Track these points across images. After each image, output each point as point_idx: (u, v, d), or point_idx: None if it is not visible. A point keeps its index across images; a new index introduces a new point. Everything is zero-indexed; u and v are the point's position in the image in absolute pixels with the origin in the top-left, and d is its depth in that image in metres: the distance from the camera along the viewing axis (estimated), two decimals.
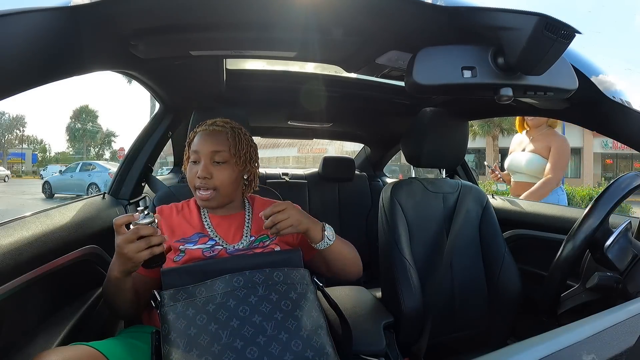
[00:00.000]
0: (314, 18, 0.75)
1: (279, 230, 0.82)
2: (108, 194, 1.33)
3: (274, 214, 0.81)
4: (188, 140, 0.96)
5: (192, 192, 0.94)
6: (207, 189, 0.89)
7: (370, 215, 2.09)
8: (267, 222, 0.81)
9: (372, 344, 0.90)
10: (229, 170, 0.91)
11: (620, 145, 3.99)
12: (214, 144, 0.91)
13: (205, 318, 0.70)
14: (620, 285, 0.66)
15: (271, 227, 0.82)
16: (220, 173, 0.90)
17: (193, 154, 0.92)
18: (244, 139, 0.94)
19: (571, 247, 0.68)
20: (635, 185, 0.70)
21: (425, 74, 0.65)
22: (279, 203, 0.84)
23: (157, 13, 0.70)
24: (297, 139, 2.65)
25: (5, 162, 31.70)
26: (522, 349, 0.38)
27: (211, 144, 0.91)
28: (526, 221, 1.44)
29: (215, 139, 0.92)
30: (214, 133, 0.93)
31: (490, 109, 1.40)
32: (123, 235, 0.69)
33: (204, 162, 0.90)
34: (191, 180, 0.92)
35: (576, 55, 0.77)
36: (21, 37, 0.52)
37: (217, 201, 0.91)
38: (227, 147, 0.91)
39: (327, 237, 0.88)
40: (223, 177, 0.90)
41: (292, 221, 0.82)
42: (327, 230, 0.89)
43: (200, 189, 0.90)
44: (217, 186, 0.89)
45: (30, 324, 0.82)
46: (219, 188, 0.90)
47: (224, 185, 0.90)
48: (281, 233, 0.82)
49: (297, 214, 0.84)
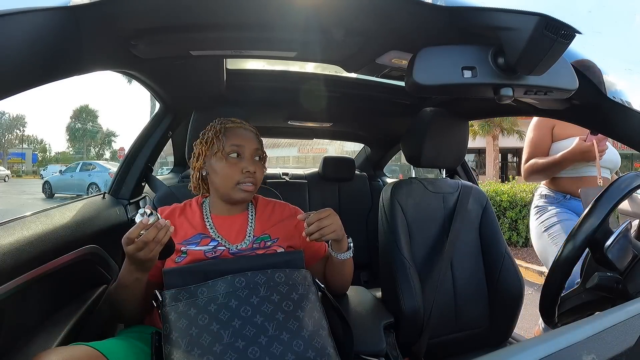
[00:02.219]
0: (314, 18, 0.75)
1: (322, 235, 0.81)
2: (108, 193, 1.33)
3: (320, 220, 0.81)
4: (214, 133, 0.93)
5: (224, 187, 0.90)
6: (252, 183, 0.90)
7: (370, 215, 2.09)
8: (312, 227, 0.81)
9: (372, 344, 0.90)
10: (263, 169, 0.95)
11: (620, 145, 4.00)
12: (256, 142, 0.93)
13: (207, 318, 0.70)
14: (620, 285, 0.66)
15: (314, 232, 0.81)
16: (259, 170, 0.93)
17: (234, 147, 0.91)
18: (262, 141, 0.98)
19: (571, 247, 0.68)
20: (635, 185, 0.70)
21: (425, 74, 0.64)
22: (324, 210, 0.84)
23: (157, 13, 0.70)
24: (297, 139, 2.65)
25: (6, 162, 31.71)
26: (522, 349, 0.38)
27: (254, 141, 0.93)
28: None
29: (253, 137, 0.94)
30: (249, 132, 0.95)
31: (490, 109, 1.39)
32: (132, 245, 0.70)
33: (248, 157, 0.91)
34: (232, 175, 0.89)
35: (576, 55, 0.77)
36: (21, 37, 0.52)
37: (252, 195, 0.93)
38: (261, 146, 0.95)
39: (350, 252, 0.90)
40: (261, 174, 0.94)
41: (335, 227, 0.83)
42: (351, 243, 0.91)
43: (245, 182, 0.90)
44: (257, 182, 0.92)
45: (30, 324, 0.82)
46: (257, 184, 0.92)
47: (259, 183, 0.94)
48: (323, 239, 0.83)
49: (339, 221, 0.85)
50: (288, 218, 0.98)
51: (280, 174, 2.11)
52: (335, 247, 0.89)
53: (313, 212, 0.84)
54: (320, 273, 0.96)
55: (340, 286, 1.00)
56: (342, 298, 1.06)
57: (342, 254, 0.89)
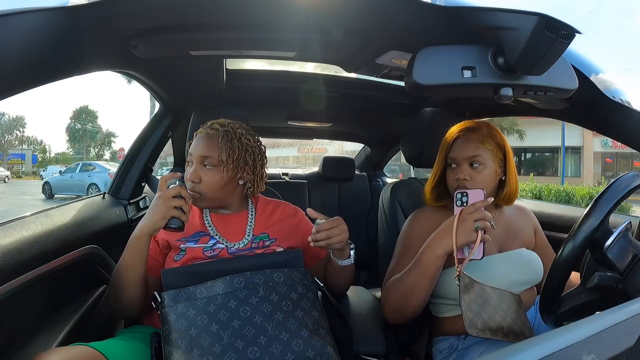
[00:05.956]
0: (314, 18, 0.75)
1: (329, 245, 0.81)
2: (108, 194, 1.33)
3: (330, 229, 0.80)
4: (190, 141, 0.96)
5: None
6: (194, 191, 0.87)
7: (370, 215, 2.09)
8: (321, 235, 0.79)
9: (372, 344, 0.90)
10: (217, 176, 0.88)
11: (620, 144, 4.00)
12: (204, 149, 0.89)
13: (207, 319, 0.70)
14: (620, 285, 0.66)
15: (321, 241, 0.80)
16: (208, 178, 0.88)
17: (188, 155, 0.92)
18: (236, 145, 0.90)
19: (571, 247, 0.68)
20: (635, 185, 0.69)
21: (425, 74, 0.65)
22: (335, 219, 0.82)
23: (157, 13, 0.70)
24: (297, 139, 2.65)
25: (5, 163, 31.68)
26: (522, 349, 0.38)
27: (202, 149, 0.89)
28: None
29: (207, 143, 0.89)
30: (208, 137, 0.90)
31: (490, 109, 1.39)
32: (164, 190, 0.78)
33: (194, 165, 0.89)
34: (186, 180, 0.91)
35: (576, 55, 0.77)
36: (21, 37, 0.52)
37: (206, 202, 0.90)
38: (217, 153, 0.88)
39: (352, 257, 0.88)
40: (210, 182, 0.88)
41: (342, 238, 0.82)
42: (353, 250, 0.89)
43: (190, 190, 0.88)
44: (202, 191, 0.87)
45: (30, 324, 0.82)
46: (204, 193, 0.88)
47: (210, 191, 0.88)
48: (330, 247, 0.82)
49: (347, 231, 0.83)
50: (288, 217, 0.98)
51: (280, 174, 2.10)
52: (337, 254, 0.87)
53: (323, 219, 0.82)
54: (321, 273, 0.96)
55: (339, 288, 0.99)
56: (342, 298, 1.06)
57: (343, 260, 0.88)
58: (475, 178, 0.91)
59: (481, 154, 0.91)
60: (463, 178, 0.91)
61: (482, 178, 0.91)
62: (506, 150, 0.95)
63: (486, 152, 0.92)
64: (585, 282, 0.70)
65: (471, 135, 0.94)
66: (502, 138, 0.96)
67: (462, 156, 0.93)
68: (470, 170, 0.92)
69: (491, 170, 0.92)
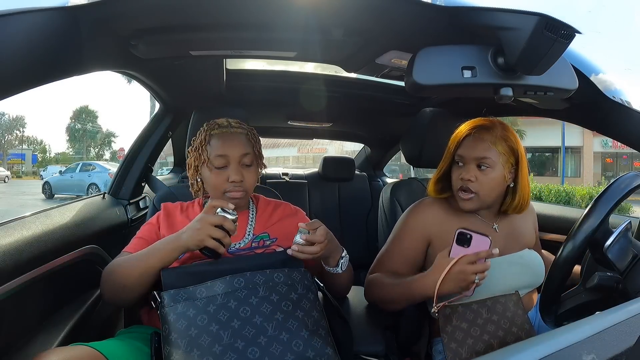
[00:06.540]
0: (314, 18, 0.75)
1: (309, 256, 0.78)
2: (108, 194, 1.33)
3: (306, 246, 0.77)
4: (199, 142, 0.91)
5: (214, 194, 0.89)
6: (239, 191, 0.87)
7: (370, 215, 2.09)
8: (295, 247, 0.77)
9: (372, 344, 0.90)
10: (255, 172, 0.91)
11: (620, 144, 3.99)
12: (241, 147, 0.88)
13: (206, 319, 0.70)
14: (620, 285, 0.66)
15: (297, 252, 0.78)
16: (249, 176, 0.88)
17: (219, 158, 0.87)
18: (258, 139, 0.94)
19: (571, 247, 0.68)
20: (635, 185, 0.70)
21: (425, 74, 0.65)
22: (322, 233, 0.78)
23: (157, 13, 0.70)
24: (297, 139, 2.65)
25: (5, 163, 31.67)
26: (522, 349, 0.38)
27: (239, 147, 0.88)
28: None
29: (240, 141, 0.89)
30: (236, 135, 0.90)
31: (490, 109, 1.39)
32: (210, 216, 0.74)
33: (233, 165, 0.87)
34: (219, 185, 0.87)
35: (576, 55, 0.77)
36: (21, 37, 0.52)
37: (244, 201, 0.91)
38: (252, 149, 0.90)
39: (341, 267, 0.87)
40: (252, 179, 0.89)
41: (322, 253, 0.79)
42: (343, 259, 0.87)
43: (232, 191, 0.87)
44: (247, 189, 0.88)
45: (30, 324, 0.82)
46: (247, 190, 0.89)
47: (252, 188, 0.90)
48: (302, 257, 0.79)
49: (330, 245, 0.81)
50: (288, 217, 0.98)
51: (280, 174, 2.10)
52: (324, 260, 0.86)
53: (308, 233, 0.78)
54: (320, 274, 0.95)
55: (337, 292, 0.98)
56: (342, 298, 1.06)
57: (332, 268, 0.86)
58: (480, 180, 0.87)
59: (491, 157, 0.86)
60: (468, 178, 0.88)
61: (487, 181, 0.87)
62: (519, 155, 0.89)
63: (497, 155, 0.86)
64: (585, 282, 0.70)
65: (483, 134, 0.88)
66: (517, 141, 0.90)
67: (470, 155, 0.88)
68: (476, 171, 0.87)
69: (499, 174, 0.87)
